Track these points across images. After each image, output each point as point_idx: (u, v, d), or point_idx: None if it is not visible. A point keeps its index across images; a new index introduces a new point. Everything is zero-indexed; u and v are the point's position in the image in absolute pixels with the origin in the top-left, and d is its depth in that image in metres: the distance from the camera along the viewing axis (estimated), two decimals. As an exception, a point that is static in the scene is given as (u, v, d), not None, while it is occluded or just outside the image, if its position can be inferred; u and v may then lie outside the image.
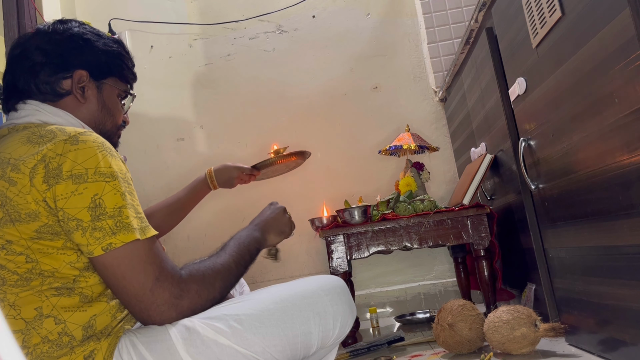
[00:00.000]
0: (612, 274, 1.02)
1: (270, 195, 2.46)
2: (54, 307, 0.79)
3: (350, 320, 0.98)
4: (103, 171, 0.79)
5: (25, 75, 0.92)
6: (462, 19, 2.44)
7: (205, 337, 0.82)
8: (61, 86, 0.93)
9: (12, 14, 2.05)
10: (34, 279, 0.79)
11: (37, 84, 0.92)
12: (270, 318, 0.87)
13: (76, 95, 0.94)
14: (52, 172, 0.78)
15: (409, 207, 1.83)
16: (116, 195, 0.79)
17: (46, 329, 0.78)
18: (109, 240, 0.78)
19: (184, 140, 2.55)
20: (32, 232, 0.78)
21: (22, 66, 0.93)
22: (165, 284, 0.82)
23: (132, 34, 2.63)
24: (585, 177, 1.08)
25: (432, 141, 2.42)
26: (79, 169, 0.78)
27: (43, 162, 0.78)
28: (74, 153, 0.79)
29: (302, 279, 1.02)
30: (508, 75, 1.49)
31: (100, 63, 0.98)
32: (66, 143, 0.80)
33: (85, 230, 0.78)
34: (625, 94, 0.89)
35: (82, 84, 0.95)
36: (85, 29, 0.98)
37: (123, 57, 1.03)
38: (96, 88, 0.97)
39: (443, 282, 2.34)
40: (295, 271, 2.43)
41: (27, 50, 0.93)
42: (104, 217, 0.78)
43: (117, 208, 0.79)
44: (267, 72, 2.57)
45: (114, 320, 0.84)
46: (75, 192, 0.78)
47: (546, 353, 1.29)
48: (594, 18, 0.95)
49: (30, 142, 0.81)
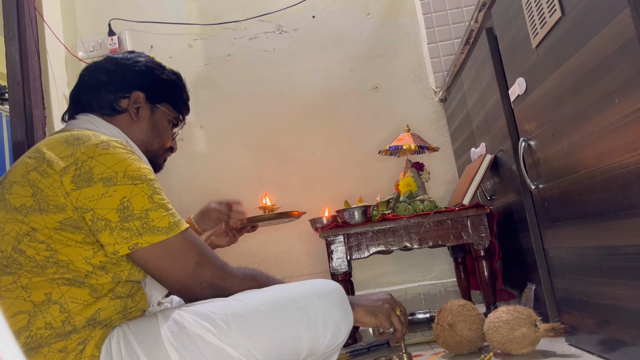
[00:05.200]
0: (612, 274, 1.02)
1: (270, 196, 2.46)
2: (63, 295, 0.83)
3: (344, 328, 0.94)
4: (132, 174, 0.86)
5: (89, 91, 1.04)
6: (462, 19, 2.44)
7: (192, 332, 0.84)
8: (119, 104, 1.04)
9: (12, 14, 2.05)
10: (49, 267, 0.83)
11: (98, 100, 1.03)
12: (258, 320, 0.87)
13: (130, 113, 1.04)
14: (84, 175, 0.84)
15: (409, 207, 1.83)
16: (144, 197, 0.85)
17: (51, 314, 0.82)
18: (136, 240, 0.84)
19: (183, 140, 2.55)
20: (56, 223, 0.83)
21: (88, 84, 1.05)
22: (206, 267, 0.90)
23: (132, 34, 2.63)
24: (585, 177, 1.08)
25: (432, 141, 2.42)
26: (109, 172, 0.84)
27: (75, 165, 0.85)
28: (104, 157, 0.85)
29: (300, 282, 1.01)
30: (508, 76, 1.49)
31: (157, 88, 1.08)
32: (98, 147, 0.86)
33: (113, 230, 0.83)
34: (625, 94, 0.89)
35: (137, 105, 1.05)
36: (149, 60, 1.10)
37: (179, 88, 1.14)
38: (149, 110, 1.08)
39: (443, 282, 2.34)
40: (295, 271, 2.43)
41: (95, 70, 1.06)
42: (132, 219, 0.84)
43: (144, 210, 0.85)
44: (267, 72, 2.57)
45: (115, 314, 0.87)
46: (106, 194, 0.83)
47: (546, 353, 1.29)
48: (594, 18, 0.95)
49: (67, 142, 0.88)
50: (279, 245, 2.45)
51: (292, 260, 2.44)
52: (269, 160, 2.51)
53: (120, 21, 2.60)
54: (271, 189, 2.47)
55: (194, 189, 2.48)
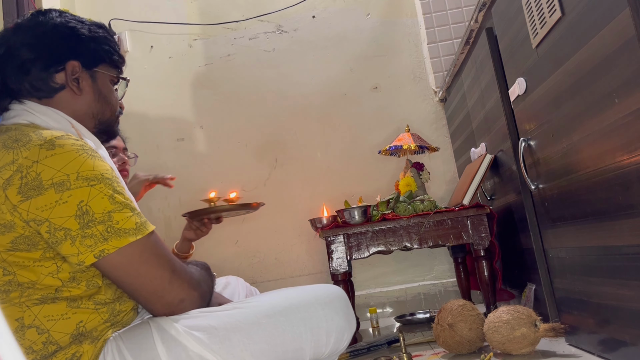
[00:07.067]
0: (612, 274, 1.02)
1: (270, 196, 2.47)
2: (36, 317, 0.76)
3: (346, 335, 0.93)
4: (86, 175, 0.76)
5: (16, 74, 0.87)
6: (462, 19, 2.44)
7: (190, 351, 0.79)
8: (54, 80, 0.89)
9: (12, 14, 2.05)
10: (12, 290, 0.76)
11: (30, 82, 0.87)
12: (260, 334, 0.83)
13: (72, 88, 0.90)
14: (31, 183, 0.74)
15: (409, 207, 1.83)
16: (103, 199, 0.76)
17: (29, 339, 0.76)
18: (102, 247, 0.75)
19: (183, 140, 2.55)
20: (8, 244, 0.75)
21: (11, 65, 0.88)
22: (181, 274, 0.82)
23: (132, 34, 2.63)
24: (585, 177, 1.08)
25: (432, 141, 2.42)
26: (60, 176, 0.74)
27: (19, 173, 0.74)
28: (51, 159, 0.75)
29: (300, 287, 0.97)
30: (508, 76, 1.49)
31: (90, 51, 0.93)
32: (42, 149, 0.76)
33: (75, 239, 0.74)
34: (625, 94, 0.89)
35: (75, 75, 0.90)
36: (67, 17, 0.93)
37: (110, 42, 0.97)
38: (90, 78, 0.93)
39: (443, 282, 2.34)
40: (295, 271, 2.43)
41: (12, 47, 0.88)
42: (93, 224, 0.75)
43: (106, 213, 0.76)
44: (267, 72, 2.57)
45: (101, 325, 0.81)
46: (60, 201, 0.74)
47: (546, 353, 1.29)
48: (594, 18, 0.95)
49: (5, 147, 0.77)
50: (279, 245, 2.45)
51: (292, 260, 2.44)
52: (269, 160, 2.51)
53: (120, 21, 2.60)
54: (271, 189, 2.47)
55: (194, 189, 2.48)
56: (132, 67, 2.57)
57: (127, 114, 2.27)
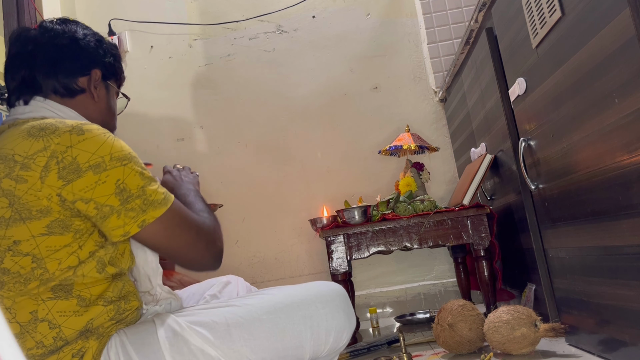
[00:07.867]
0: (612, 274, 1.02)
1: (270, 196, 2.47)
2: (50, 311, 0.80)
3: (346, 333, 0.95)
4: (118, 155, 0.83)
5: (47, 71, 0.93)
6: (462, 19, 2.44)
7: (192, 345, 0.82)
8: (77, 83, 0.95)
9: (12, 14, 2.05)
10: (32, 280, 0.79)
11: (58, 80, 0.93)
12: (261, 330, 0.86)
13: (92, 94, 0.97)
14: (69, 167, 0.79)
15: (409, 207, 1.83)
16: (135, 176, 0.83)
17: (41, 332, 0.79)
18: (142, 217, 0.82)
19: (183, 140, 2.55)
20: (43, 229, 0.79)
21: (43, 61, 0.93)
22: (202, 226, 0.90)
23: (132, 34, 2.63)
24: (585, 177, 1.08)
25: (432, 141, 2.42)
26: (95, 159, 0.81)
27: (55, 159, 0.79)
28: (84, 144, 0.81)
29: (302, 285, 0.99)
30: (508, 76, 1.49)
31: (108, 65, 1.01)
32: (72, 134, 0.81)
33: (120, 213, 0.81)
34: (625, 94, 0.89)
35: (96, 83, 0.98)
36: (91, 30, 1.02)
37: (121, 61, 1.07)
38: (104, 88, 1.00)
39: (443, 282, 2.34)
40: (295, 271, 2.43)
41: (44, 45, 0.94)
42: (132, 199, 0.82)
43: (140, 187, 0.83)
44: (267, 72, 2.57)
45: (108, 322, 0.84)
46: (99, 182, 0.81)
47: (546, 353, 1.29)
48: (594, 18, 0.95)
49: (30, 135, 0.81)
50: (279, 245, 2.45)
51: (292, 260, 2.44)
52: (269, 160, 2.51)
53: (120, 21, 2.60)
54: (271, 189, 2.47)
55: (194, 189, 2.48)
56: (132, 67, 2.58)
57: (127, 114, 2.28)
